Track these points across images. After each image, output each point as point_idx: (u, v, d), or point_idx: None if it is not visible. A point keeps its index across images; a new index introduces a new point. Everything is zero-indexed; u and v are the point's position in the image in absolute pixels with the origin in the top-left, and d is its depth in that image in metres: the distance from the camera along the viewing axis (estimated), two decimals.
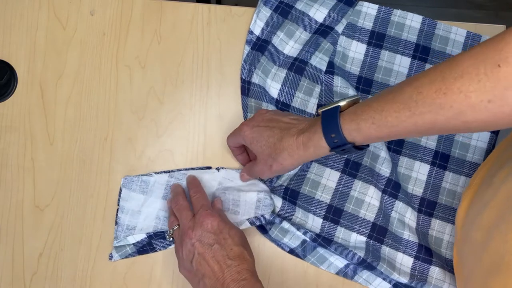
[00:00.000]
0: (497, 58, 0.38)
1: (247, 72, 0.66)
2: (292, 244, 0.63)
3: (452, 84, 0.40)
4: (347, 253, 0.60)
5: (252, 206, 0.61)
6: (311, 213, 0.63)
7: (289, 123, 0.55)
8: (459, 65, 0.40)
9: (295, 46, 0.66)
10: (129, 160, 0.66)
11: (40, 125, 0.66)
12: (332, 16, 0.67)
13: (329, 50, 0.66)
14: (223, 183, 0.64)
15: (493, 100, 0.38)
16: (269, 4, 0.68)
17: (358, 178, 0.63)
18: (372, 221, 0.62)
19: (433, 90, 0.41)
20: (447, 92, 0.40)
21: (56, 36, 0.68)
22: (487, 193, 0.51)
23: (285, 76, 0.66)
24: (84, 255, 0.64)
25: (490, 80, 0.38)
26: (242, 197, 0.62)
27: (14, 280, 0.63)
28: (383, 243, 0.62)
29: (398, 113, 0.44)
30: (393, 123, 0.45)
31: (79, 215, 0.65)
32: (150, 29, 0.68)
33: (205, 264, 0.53)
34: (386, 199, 0.62)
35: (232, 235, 0.55)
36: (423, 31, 0.67)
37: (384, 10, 0.68)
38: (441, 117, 0.41)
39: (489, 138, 0.64)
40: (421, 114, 0.42)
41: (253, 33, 0.67)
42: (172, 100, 0.67)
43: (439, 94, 0.41)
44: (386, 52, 0.67)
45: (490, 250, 0.44)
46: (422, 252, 0.60)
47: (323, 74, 0.65)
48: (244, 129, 0.57)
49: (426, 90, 0.42)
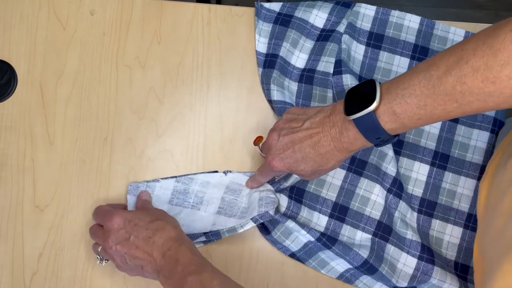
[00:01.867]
0: None
1: (266, 91, 0.66)
2: (293, 247, 0.62)
3: (499, 72, 0.38)
4: (350, 253, 0.60)
5: (255, 205, 0.61)
6: (317, 211, 0.63)
7: (310, 131, 0.52)
8: (503, 51, 0.38)
9: (301, 56, 0.66)
10: (129, 160, 0.66)
11: (40, 125, 0.66)
12: (331, 19, 0.67)
13: (334, 50, 0.65)
14: (231, 186, 0.64)
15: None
16: (268, 19, 0.67)
17: (364, 176, 0.63)
18: (378, 219, 0.62)
19: (479, 80, 0.39)
20: (496, 81, 0.39)
21: (56, 36, 0.68)
22: (503, 180, 0.51)
23: (297, 89, 0.66)
24: (84, 255, 0.64)
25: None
26: (249, 200, 0.62)
27: (14, 280, 0.63)
28: (388, 242, 0.62)
29: (444, 106, 0.43)
30: (440, 115, 0.44)
31: (79, 215, 0.65)
32: (150, 29, 0.68)
33: (137, 257, 0.53)
34: (391, 199, 0.62)
35: (142, 217, 0.55)
36: (421, 32, 0.67)
37: (382, 11, 0.68)
38: (490, 103, 0.41)
39: (488, 138, 0.64)
40: (469, 103, 0.41)
41: (261, 53, 0.67)
42: (172, 100, 0.67)
43: (487, 83, 0.39)
44: (384, 53, 0.67)
45: (508, 233, 0.44)
46: (425, 253, 0.60)
47: (331, 77, 0.65)
48: (274, 165, 0.54)
49: (470, 80, 0.40)
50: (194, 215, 0.64)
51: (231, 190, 0.64)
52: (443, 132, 0.64)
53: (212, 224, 0.63)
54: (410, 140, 0.64)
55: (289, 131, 0.53)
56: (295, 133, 0.53)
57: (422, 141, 0.64)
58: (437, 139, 0.64)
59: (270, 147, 0.55)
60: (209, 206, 0.64)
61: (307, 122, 0.52)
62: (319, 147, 0.51)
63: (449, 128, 0.64)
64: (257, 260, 0.63)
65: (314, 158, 0.52)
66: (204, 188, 0.64)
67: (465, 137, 0.64)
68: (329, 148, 0.50)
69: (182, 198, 0.64)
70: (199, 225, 0.63)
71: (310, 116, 0.53)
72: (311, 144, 0.51)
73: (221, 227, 0.62)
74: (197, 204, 0.64)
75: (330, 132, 0.50)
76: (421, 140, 0.64)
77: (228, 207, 0.64)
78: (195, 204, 0.64)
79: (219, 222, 0.63)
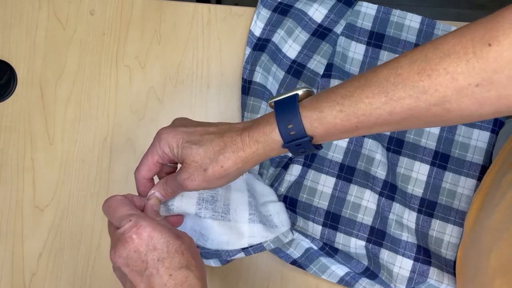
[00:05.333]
0: (488, 37, 0.34)
1: (249, 72, 0.65)
2: (296, 254, 0.61)
3: (437, 64, 0.35)
4: (352, 262, 0.60)
5: (285, 216, 0.56)
6: (310, 220, 0.62)
7: (225, 123, 0.46)
8: (444, 44, 0.36)
9: (293, 46, 0.66)
10: (129, 160, 0.66)
11: (40, 125, 0.66)
12: (330, 17, 0.67)
13: (328, 52, 0.66)
14: (250, 190, 0.54)
15: (481, 84, 0.34)
16: (268, 6, 0.68)
17: (354, 183, 0.63)
18: (370, 225, 0.62)
19: (415, 71, 0.36)
20: (432, 73, 0.36)
21: (56, 36, 0.68)
22: (496, 196, 0.50)
23: (283, 78, 0.66)
24: (84, 255, 0.64)
25: (479, 61, 0.34)
26: (271, 207, 0.55)
27: (14, 280, 0.63)
28: (382, 246, 0.62)
29: (372, 98, 0.38)
30: (365, 110, 0.38)
31: (79, 215, 0.65)
32: (150, 29, 0.68)
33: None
34: (383, 202, 0.62)
35: (172, 252, 0.41)
36: (422, 31, 0.67)
37: (383, 10, 0.68)
38: (422, 103, 0.36)
39: (488, 138, 0.64)
40: (400, 99, 0.37)
41: (254, 34, 0.67)
42: (172, 100, 0.67)
43: (422, 76, 0.36)
44: (385, 53, 0.67)
45: (498, 252, 0.44)
46: (421, 254, 0.60)
47: (319, 78, 0.65)
48: (166, 132, 0.45)
49: (406, 71, 0.37)
50: (222, 227, 0.51)
51: (252, 195, 0.54)
52: (444, 132, 0.64)
53: (249, 236, 0.52)
54: (410, 140, 0.64)
55: (205, 122, 0.48)
56: (215, 124, 0.47)
57: (422, 141, 0.64)
58: (437, 139, 0.64)
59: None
60: (236, 213, 0.52)
61: None
62: (228, 130, 0.44)
63: (449, 128, 0.64)
64: (257, 260, 0.63)
65: (213, 138, 0.44)
66: (227, 193, 0.53)
67: (466, 137, 0.64)
68: (236, 134, 0.43)
69: (211, 208, 0.51)
70: (230, 238, 0.52)
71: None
72: (221, 127, 0.45)
73: (263, 239, 0.52)
74: (225, 213, 0.52)
75: (246, 123, 0.45)
76: (421, 139, 0.64)
77: (257, 213, 0.53)
78: (224, 214, 0.51)
79: (258, 233, 0.52)
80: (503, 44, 0.33)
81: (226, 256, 0.52)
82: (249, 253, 0.52)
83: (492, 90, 0.35)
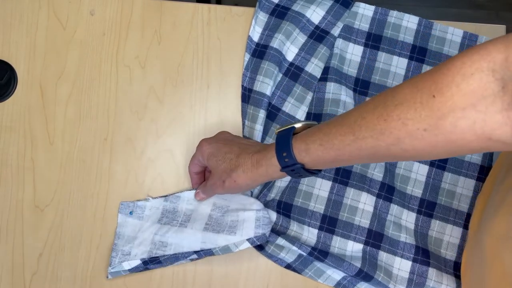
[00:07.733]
0: (433, 89, 0.38)
1: (249, 79, 0.66)
2: (288, 259, 0.62)
3: (392, 111, 0.41)
4: (344, 264, 0.60)
5: (252, 226, 0.60)
6: (306, 224, 0.62)
7: (248, 144, 0.57)
8: (400, 93, 0.41)
9: (291, 48, 0.66)
10: (129, 160, 0.66)
11: (40, 125, 0.66)
12: (328, 18, 0.67)
13: (325, 55, 0.66)
14: (218, 203, 0.63)
15: (428, 129, 0.39)
16: (266, 9, 0.68)
17: (350, 186, 0.63)
18: (368, 228, 0.62)
19: (375, 116, 0.42)
20: (388, 118, 0.41)
21: (56, 36, 0.68)
22: (495, 199, 0.51)
23: (280, 80, 0.66)
24: (84, 255, 0.64)
25: (425, 110, 0.39)
26: (240, 217, 0.61)
27: (14, 280, 0.64)
28: (380, 249, 0.62)
29: (343, 136, 0.45)
30: (339, 146, 0.46)
31: (79, 215, 0.65)
32: (150, 29, 0.68)
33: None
34: (381, 204, 0.62)
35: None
36: (419, 32, 0.67)
37: (381, 12, 0.68)
38: (382, 143, 0.42)
39: None
40: (364, 138, 0.44)
41: (252, 40, 0.67)
42: (172, 100, 0.67)
43: (380, 120, 0.42)
44: (383, 54, 0.67)
45: (503, 261, 0.45)
46: (420, 254, 0.61)
47: (317, 81, 0.65)
48: (203, 144, 0.58)
49: (369, 115, 0.43)
50: (182, 233, 0.62)
51: (218, 208, 0.63)
52: None
53: (201, 242, 0.61)
54: None
55: (235, 139, 0.59)
56: (239, 142, 0.58)
57: None
58: None
59: (215, 135, 0.61)
60: (195, 223, 0.62)
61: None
62: (243, 151, 0.56)
63: None
64: (257, 260, 0.64)
65: (232, 157, 0.56)
66: (191, 206, 0.64)
67: None
68: (248, 156, 0.54)
69: (171, 217, 0.63)
70: (187, 243, 0.61)
71: None
72: (241, 146, 0.57)
73: (213, 246, 0.60)
74: (185, 222, 0.63)
75: (259, 146, 0.56)
76: None
77: (216, 223, 0.62)
78: (183, 222, 0.63)
79: (208, 240, 0.60)
80: (446, 96, 0.38)
81: (182, 257, 0.60)
82: (200, 255, 0.60)
83: (440, 134, 0.39)
